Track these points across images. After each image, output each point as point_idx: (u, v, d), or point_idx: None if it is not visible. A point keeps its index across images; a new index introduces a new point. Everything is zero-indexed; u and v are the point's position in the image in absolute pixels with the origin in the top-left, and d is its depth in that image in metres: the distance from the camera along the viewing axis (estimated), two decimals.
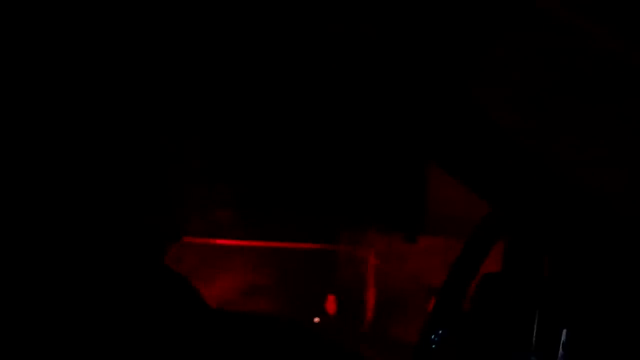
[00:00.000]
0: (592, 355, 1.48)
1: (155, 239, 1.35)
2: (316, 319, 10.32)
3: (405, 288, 12.18)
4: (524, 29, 1.40)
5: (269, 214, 11.21)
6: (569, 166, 1.49)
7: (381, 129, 1.77)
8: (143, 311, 1.29)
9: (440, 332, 2.15)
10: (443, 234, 12.57)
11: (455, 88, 1.49)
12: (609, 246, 1.45)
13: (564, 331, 1.52)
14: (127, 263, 1.32)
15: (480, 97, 1.54)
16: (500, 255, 2.26)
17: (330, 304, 10.44)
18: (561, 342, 1.52)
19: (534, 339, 1.55)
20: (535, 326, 1.54)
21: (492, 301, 1.85)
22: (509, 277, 1.81)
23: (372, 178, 11.78)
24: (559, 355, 1.51)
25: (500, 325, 1.77)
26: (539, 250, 1.59)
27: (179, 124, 1.37)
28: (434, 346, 2.18)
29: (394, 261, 12.98)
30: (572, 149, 1.50)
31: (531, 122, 1.55)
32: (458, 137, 1.58)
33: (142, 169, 1.30)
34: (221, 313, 1.57)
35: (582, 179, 1.48)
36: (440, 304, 2.19)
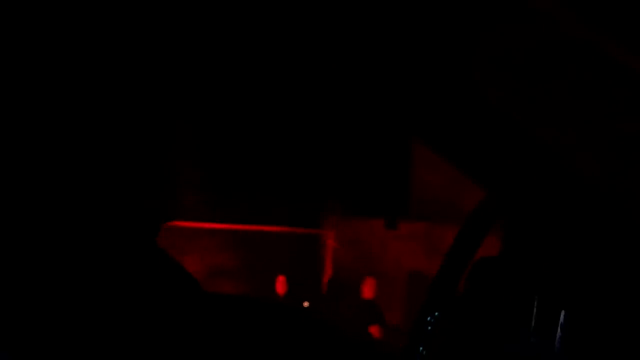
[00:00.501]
0: (590, 336, 1.52)
1: (153, 219, 1.38)
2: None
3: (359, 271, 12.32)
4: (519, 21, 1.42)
5: (238, 198, 11.22)
6: (562, 148, 1.51)
7: (369, 105, 1.78)
8: (144, 292, 1.31)
9: (435, 314, 2.19)
10: (425, 219, 12.63)
11: (452, 68, 1.49)
12: (600, 229, 1.47)
13: (562, 313, 1.56)
14: (127, 243, 1.34)
15: (477, 77, 1.54)
16: (493, 242, 2.30)
17: (280, 284, 10.57)
18: (560, 323, 1.56)
19: (533, 320, 1.59)
20: (534, 308, 1.58)
21: (489, 284, 1.89)
22: (507, 260, 1.85)
23: (355, 163, 11.78)
24: (557, 336, 1.55)
25: (498, 307, 1.81)
26: (537, 233, 1.62)
27: (171, 113, 1.40)
28: (429, 328, 2.22)
29: (377, 246, 13.03)
30: (563, 132, 1.51)
31: (524, 101, 1.55)
32: (454, 117, 1.59)
33: (138, 156, 1.33)
34: (220, 297, 1.59)
35: (573, 162, 1.50)
36: (436, 287, 2.23)
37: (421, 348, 2.20)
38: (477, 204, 2.19)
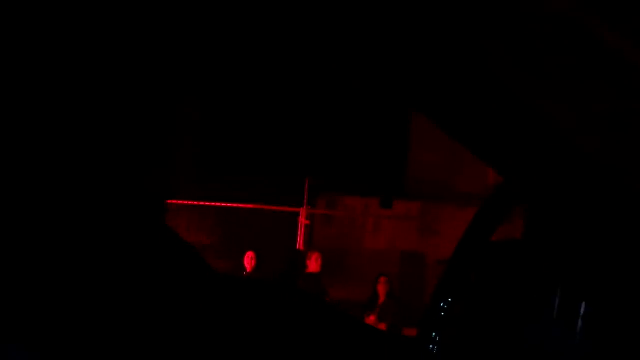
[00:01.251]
0: (611, 326, 1.52)
1: (155, 195, 1.37)
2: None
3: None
4: None
5: (222, 176, 11.23)
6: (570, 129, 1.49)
7: (369, 79, 1.74)
8: (152, 273, 1.30)
9: (449, 300, 2.19)
10: (420, 199, 12.65)
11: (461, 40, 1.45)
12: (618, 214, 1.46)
13: (583, 303, 1.56)
14: (134, 221, 1.33)
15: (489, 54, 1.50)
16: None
17: (248, 260, 10.67)
18: (580, 313, 1.56)
19: (554, 309, 1.59)
20: (556, 297, 1.58)
21: (509, 269, 1.88)
22: (529, 244, 1.84)
23: (351, 142, 11.77)
24: (578, 326, 1.55)
25: (517, 293, 1.80)
26: (559, 220, 1.61)
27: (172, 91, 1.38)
28: (442, 314, 2.21)
29: (369, 224, 13.05)
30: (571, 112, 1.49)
31: (536, 81, 1.52)
32: (462, 87, 1.55)
33: (137, 135, 1.31)
34: (229, 278, 1.58)
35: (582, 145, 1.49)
36: (449, 271, 2.22)
37: (434, 334, 2.19)
38: (494, 187, 2.18)
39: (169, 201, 1.53)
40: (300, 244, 11.99)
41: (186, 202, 11.58)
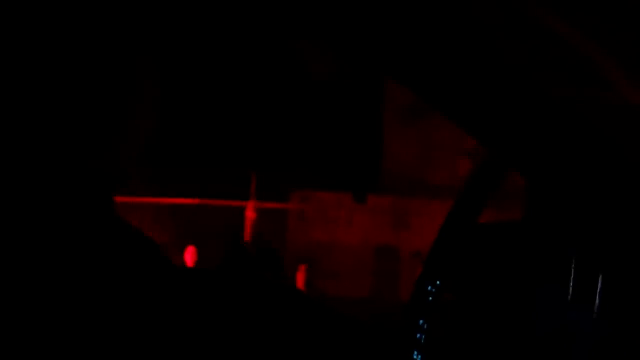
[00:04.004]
0: (630, 304, 1.33)
1: (102, 182, 1.19)
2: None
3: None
4: None
5: (175, 172, 11.08)
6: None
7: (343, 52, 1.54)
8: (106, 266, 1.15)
9: (437, 283, 1.99)
10: (393, 193, 12.58)
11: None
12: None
13: (600, 278, 1.37)
14: (81, 209, 1.16)
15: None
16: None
17: (189, 254, 10.66)
18: (598, 289, 1.36)
19: (570, 287, 1.39)
20: (571, 274, 1.38)
21: (509, 250, 1.69)
22: (531, 223, 1.66)
23: (324, 136, 11.67)
24: (596, 303, 1.36)
25: (520, 274, 1.61)
26: (564, 192, 1.43)
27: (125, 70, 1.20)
28: (430, 299, 2.02)
29: (342, 219, 13.00)
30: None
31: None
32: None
33: (84, 110, 1.14)
34: (188, 270, 1.41)
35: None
36: (435, 252, 2.03)
37: (422, 321, 1.98)
38: (476, 164, 1.99)
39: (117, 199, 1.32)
40: (246, 237, 11.97)
41: (137, 199, 11.35)
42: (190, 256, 10.59)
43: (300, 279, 11.73)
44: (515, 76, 1.32)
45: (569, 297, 1.36)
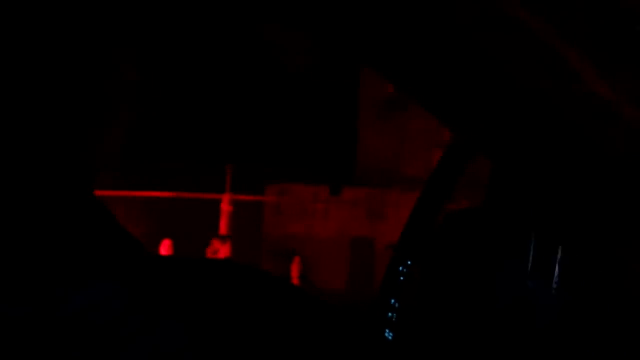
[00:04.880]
0: (590, 274, 1.40)
1: (82, 167, 1.22)
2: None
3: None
4: None
5: (148, 166, 11.06)
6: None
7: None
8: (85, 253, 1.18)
9: (408, 263, 2.06)
10: (368, 185, 12.63)
11: None
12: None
13: (560, 249, 1.43)
14: (58, 195, 1.19)
15: None
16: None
17: (165, 248, 10.68)
18: (557, 260, 1.43)
19: (529, 261, 1.46)
20: (530, 248, 1.45)
21: (472, 232, 1.75)
22: (492, 206, 1.72)
23: (300, 128, 11.69)
24: (555, 274, 1.42)
25: (483, 251, 1.67)
26: (527, 172, 1.49)
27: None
28: (402, 278, 2.09)
29: (318, 212, 13.03)
30: None
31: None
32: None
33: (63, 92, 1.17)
34: (164, 258, 1.44)
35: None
36: (407, 233, 2.09)
37: (393, 300, 2.04)
38: (446, 148, 2.04)
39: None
40: (222, 229, 11.92)
41: (111, 192, 11.28)
42: (166, 249, 10.61)
43: (294, 270, 11.72)
44: (488, 65, 1.38)
45: (528, 270, 1.43)
